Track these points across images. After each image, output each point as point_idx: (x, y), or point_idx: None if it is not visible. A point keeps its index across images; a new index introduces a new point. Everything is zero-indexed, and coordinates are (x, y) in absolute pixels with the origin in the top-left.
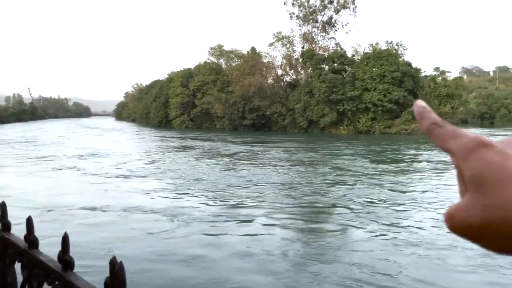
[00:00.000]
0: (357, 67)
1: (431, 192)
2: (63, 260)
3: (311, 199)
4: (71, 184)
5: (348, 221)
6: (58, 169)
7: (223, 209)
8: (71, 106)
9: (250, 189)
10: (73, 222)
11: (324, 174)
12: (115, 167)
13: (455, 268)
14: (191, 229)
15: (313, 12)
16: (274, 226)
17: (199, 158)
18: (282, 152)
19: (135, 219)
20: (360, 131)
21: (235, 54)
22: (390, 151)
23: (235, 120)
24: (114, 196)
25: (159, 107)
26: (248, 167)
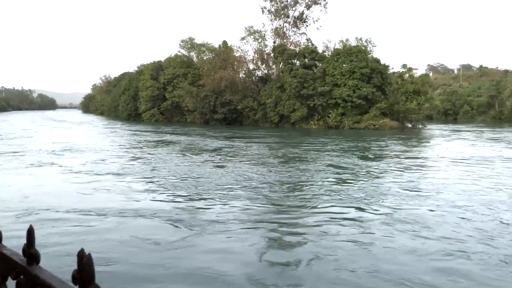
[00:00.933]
0: (327, 62)
1: (400, 183)
2: (28, 253)
3: (286, 195)
4: (49, 181)
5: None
6: (35, 165)
7: (201, 204)
8: (36, 98)
9: (237, 185)
10: (47, 220)
11: (301, 169)
12: (93, 164)
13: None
14: (166, 225)
15: (285, 7)
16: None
17: (179, 154)
18: (265, 148)
19: (111, 215)
20: (330, 126)
21: (207, 48)
22: (367, 146)
23: (206, 114)
24: (91, 194)
25: (128, 100)
26: (232, 163)
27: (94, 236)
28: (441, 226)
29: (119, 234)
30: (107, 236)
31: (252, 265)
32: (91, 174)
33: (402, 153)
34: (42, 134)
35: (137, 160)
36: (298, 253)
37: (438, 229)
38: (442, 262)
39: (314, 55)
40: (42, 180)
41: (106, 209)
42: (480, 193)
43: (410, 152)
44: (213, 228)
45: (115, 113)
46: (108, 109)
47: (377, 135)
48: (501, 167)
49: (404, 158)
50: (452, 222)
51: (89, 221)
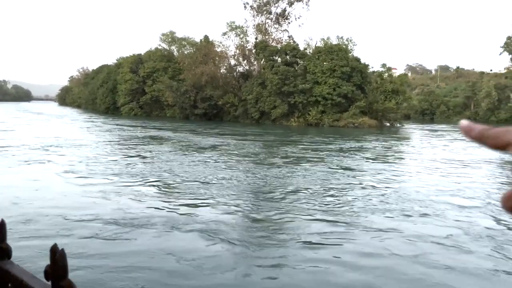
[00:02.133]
0: (308, 60)
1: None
2: (0, 248)
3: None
4: (43, 182)
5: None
6: (23, 163)
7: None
8: (10, 89)
9: (232, 184)
10: (45, 224)
11: (282, 165)
12: (85, 162)
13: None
14: (152, 227)
15: (267, 4)
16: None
17: (172, 151)
18: (261, 147)
19: (114, 223)
20: (310, 124)
21: (188, 42)
22: (347, 142)
23: (186, 109)
24: (91, 197)
25: (106, 93)
26: (231, 162)
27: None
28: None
29: (130, 246)
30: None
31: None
32: (84, 174)
33: (388, 154)
34: (22, 128)
35: (129, 158)
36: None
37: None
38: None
39: (295, 53)
40: (34, 181)
41: (106, 215)
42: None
43: (401, 153)
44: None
45: (92, 106)
46: (85, 102)
47: (356, 133)
48: (469, 168)
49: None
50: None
51: (94, 229)
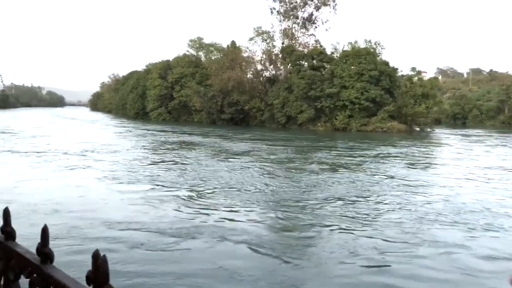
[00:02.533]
0: (335, 64)
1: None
2: (42, 253)
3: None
4: (85, 188)
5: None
6: (63, 169)
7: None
8: (45, 95)
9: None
10: (87, 233)
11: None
12: (123, 168)
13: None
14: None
15: (294, 8)
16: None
17: (208, 157)
18: (292, 152)
19: (162, 233)
20: (337, 128)
21: (215, 48)
22: (374, 148)
23: (213, 114)
24: (133, 204)
25: (136, 99)
26: (265, 167)
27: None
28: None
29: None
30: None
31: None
32: (124, 180)
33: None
34: (58, 133)
35: (165, 164)
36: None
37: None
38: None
39: (322, 57)
40: (77, 187)
41: (150, 223)
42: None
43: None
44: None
45: (122, 111)
46: (116, 107)
47: (387, 138)
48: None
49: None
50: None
51: (141, 238)
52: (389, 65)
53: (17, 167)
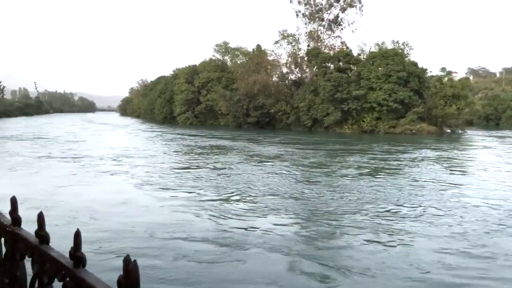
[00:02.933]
0: (362, 66)
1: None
2: (75, 256)
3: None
4: (120, 193)
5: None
6: (102, 174)
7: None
8: (77, 101)
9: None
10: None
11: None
12: (162, 173)
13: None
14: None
15: (319, 11)
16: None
17: (245, 161)
18: (321, 155)
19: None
20: (365, 131)
21: (241, 52)
22: (406, 151)
23: (239, 117)
24: (177, 212)
25: (163, 103)
26: (302, 172)
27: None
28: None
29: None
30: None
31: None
32: (162, 186)
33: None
34: (91, 138)
35: (200, 169)
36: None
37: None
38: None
39: (348, 59)
40: (116, 193)
41: (193, 232)
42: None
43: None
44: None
45: (151, 116)
46: (144, 112)
47: (418, 140)
48: None
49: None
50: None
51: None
52: (418, 65)
53: (56, 172)
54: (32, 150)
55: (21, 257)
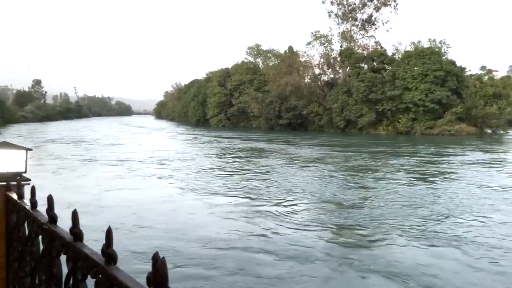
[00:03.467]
0: (397, 66)
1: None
2: (107, 253)
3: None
4: (166, 198)
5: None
6: (143, 177)
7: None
8: (114, 105)
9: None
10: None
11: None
12: (201, 177)
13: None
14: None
15: (352, 10)
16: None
17: (290, 165)
18: (364, 157)
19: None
20: (400, 132)
21: (273, 54)
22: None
23: (271, 119)
24: (228, 219)
25: (197, 106)
26: (347, 176)
27: None
28: None
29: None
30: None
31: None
32: (208, 191)
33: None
34: (131, 141)
35: (243, 172)
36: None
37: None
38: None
39: (383, 58)
40: (161, 198)
41: (244, 243)
42: None
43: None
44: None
45: (185, 118)
46: (178, 115)
47: (459, 141)
48: None
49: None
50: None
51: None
52: (456, 64)
53: (101, 176)
54: (76, 153)
55: (57, 254)
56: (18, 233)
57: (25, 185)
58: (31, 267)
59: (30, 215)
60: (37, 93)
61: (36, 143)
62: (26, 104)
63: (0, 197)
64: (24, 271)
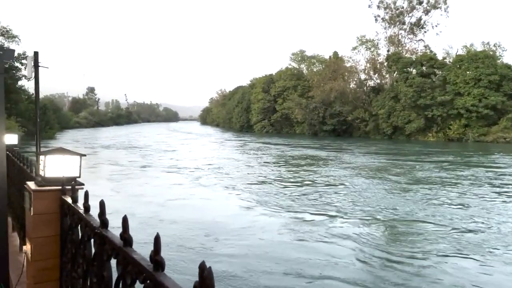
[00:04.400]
0: (448, 70)
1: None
2: (154, 260)
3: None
4: (232, 211)
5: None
6: (203, 187)
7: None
8: (162, 111)
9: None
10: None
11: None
12: (261, 189)
13: None
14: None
15: (400, 14)
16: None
17: (349, 174)
18: (430, 168)
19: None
20: (451, 139)
21: (317, 59)
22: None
23: (315, 125)
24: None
25: (241, 112)
26: (420, 189)
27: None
28: None
29: None
30: None
31: None
32: (272, 204)
33: None
34: (182, 147)
35: (308, 184)
36: None
37: None
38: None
39: (433, 63)
40: (223, 209)
41: (334, 271)
42: None
43: None
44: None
45: (229, 124)
46: (223, 121)
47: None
48: None
49: None
50: None
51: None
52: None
53: (159, 184)
54: (131, 159)
55: (107, 257)
56: (71, 235)
57: (79, 190)
58: (83, 269)
59: (83, 218)
60: (91, 100)
61: (92, 149)
62: (80, 110)
63: (56, 200)
64: (76, 272)
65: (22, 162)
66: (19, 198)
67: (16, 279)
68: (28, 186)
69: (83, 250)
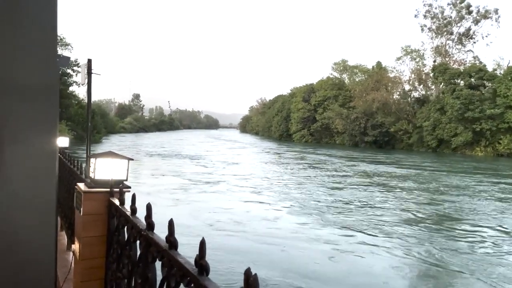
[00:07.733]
0: (499, 82)
1: None
2: (199, 264)
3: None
4: (285, 229)
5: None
6: (257, 202)
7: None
8: (203, 118)
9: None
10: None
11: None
12: (319, 206)
13: None
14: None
15: (448, 24)
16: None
17: (425, 197)
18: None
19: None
20: (501, 154)
21: (359, 69)
22: None
23: (356, 136)
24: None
25: (280, 121)
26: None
27: None
28: None
29: None
30: None
31: None
32: (331, 223)
33: None
34: (232, 158)
35: (386, 208)
36: None
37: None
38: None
39: (482, 74)
40: (274, 223)
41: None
42: None
43: None
44: None
45: (268, 133)
46: (262, 130)
47: None
48: None
49: None
50: None
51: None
52: None
53: (215, 196)
54: (182, 170)
55: (152, 259)
56: (118, 236)
57: (125, 192)
58: (128, 269)
59: (130, 220)
60: (136, 106)
61: (142, 156)
62: (126, 116)
63: (104, 202)
64: (121, 272)
65: (72, 164)
66: (68, 198)
67: (63, 276)
68: (79, 187)
69: (129, 251)
